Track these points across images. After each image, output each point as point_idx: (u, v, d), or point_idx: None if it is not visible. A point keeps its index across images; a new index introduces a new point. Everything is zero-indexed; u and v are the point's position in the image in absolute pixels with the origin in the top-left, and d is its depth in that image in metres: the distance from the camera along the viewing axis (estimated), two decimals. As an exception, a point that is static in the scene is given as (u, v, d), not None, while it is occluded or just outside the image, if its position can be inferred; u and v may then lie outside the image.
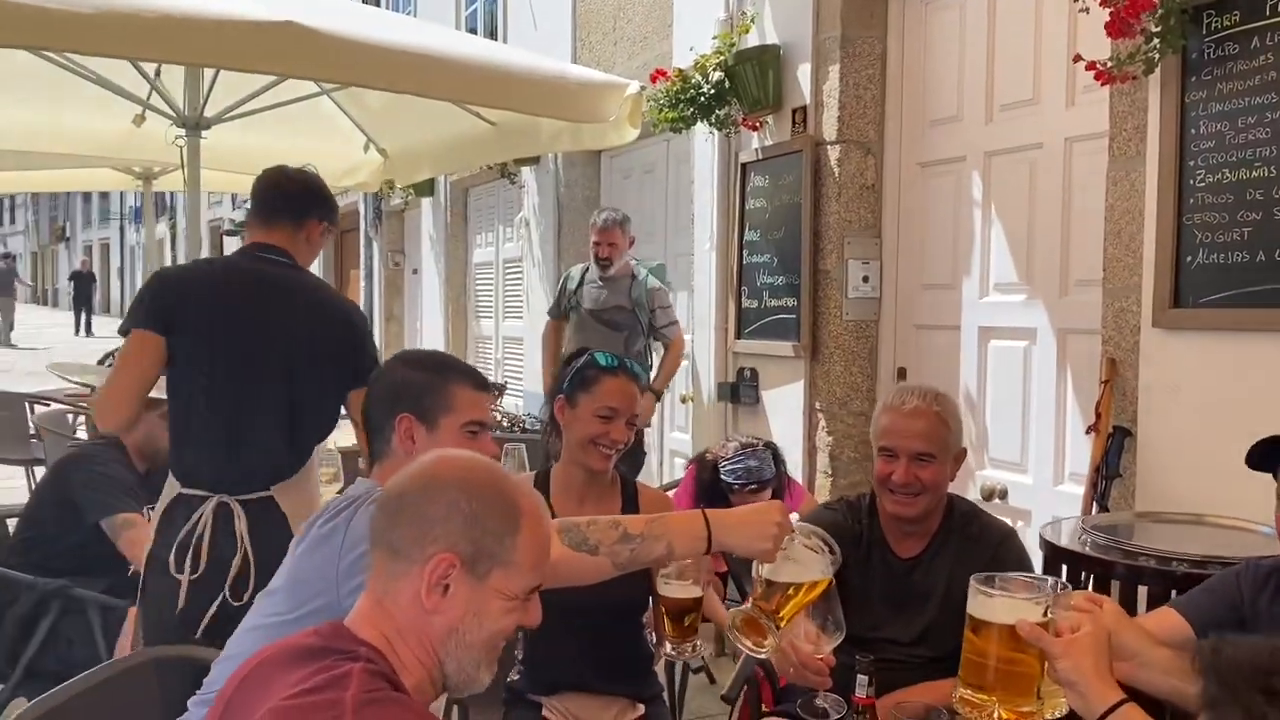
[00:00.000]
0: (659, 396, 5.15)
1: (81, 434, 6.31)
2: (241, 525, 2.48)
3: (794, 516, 1.85)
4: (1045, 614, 1.40)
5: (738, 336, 4.84)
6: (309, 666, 1.16)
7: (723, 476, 3.55)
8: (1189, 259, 2.78)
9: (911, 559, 2.29)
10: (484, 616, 1.28)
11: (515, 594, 1.30)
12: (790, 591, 1.73)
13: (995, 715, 1.39)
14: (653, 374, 4.99)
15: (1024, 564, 2.30)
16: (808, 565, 1.74)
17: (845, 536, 2.18)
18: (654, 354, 5.17)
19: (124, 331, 2.59)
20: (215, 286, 2.63)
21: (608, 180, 6.97)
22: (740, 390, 4.77)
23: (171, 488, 2.60)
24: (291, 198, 2.74)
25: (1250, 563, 1.88)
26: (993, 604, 1.41)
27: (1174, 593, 2.26)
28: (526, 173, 7.40)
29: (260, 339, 2.58)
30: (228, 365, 2.56)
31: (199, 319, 2.56)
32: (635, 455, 4.08)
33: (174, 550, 2.49)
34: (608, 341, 4.71)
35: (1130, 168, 2.98)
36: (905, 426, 2.22)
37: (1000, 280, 3.84)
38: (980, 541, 2.27)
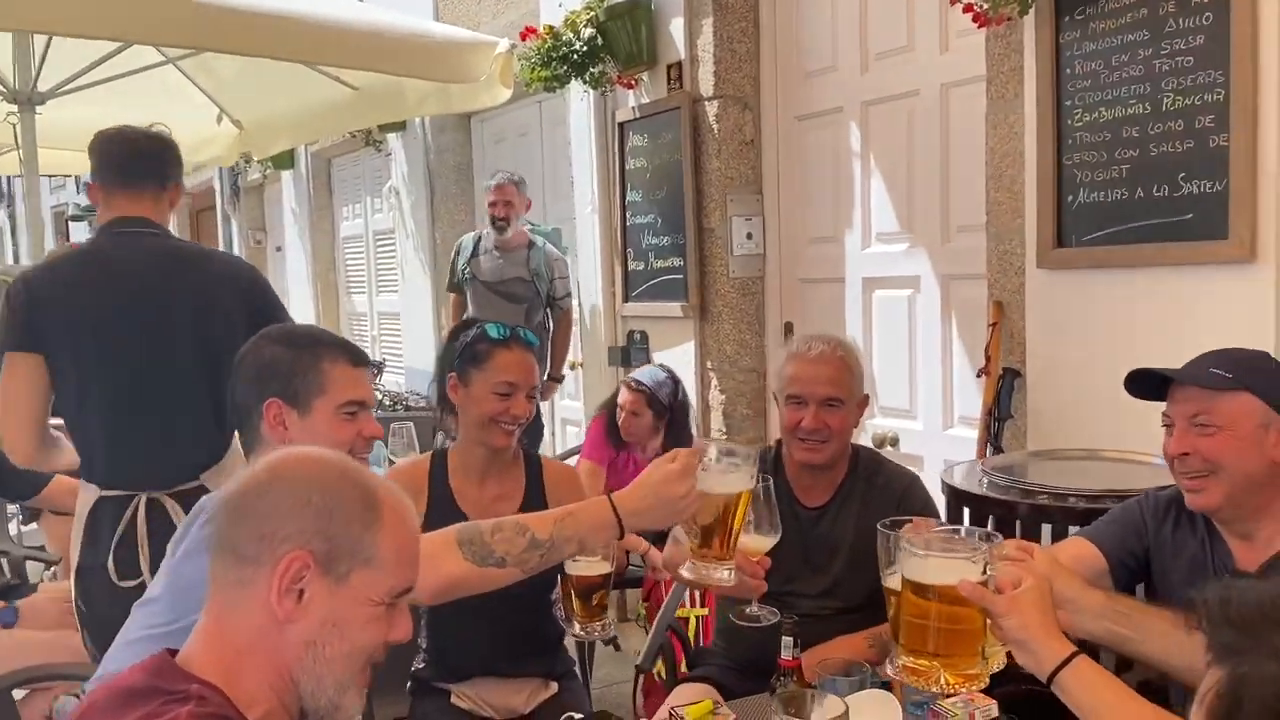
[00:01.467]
0: (560, 382, 5.05)
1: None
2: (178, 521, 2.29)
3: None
4: (984, 571, 1.35)
5: (625, 300, 4.76)
6: (133, 713, 1.01)
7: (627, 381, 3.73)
8: (1070, 199, 2.82)
9: (818, 508, 2.29)
10: (345, 626, 1.12)
11: (380, 598, 1.15)
12: (724, 522, 1.63)
13: (941, 680, 1.34)
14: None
15: (929, 509, 2.31)
16: (729, 484, 1.62)
17: None
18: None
19: None
20: (97, 283, 2.39)
21: (480, 145, 6.77)
22: (631, 353, 4.70)
23: (88, 493, 2.39)
24: (153, 159, 2.52)
25: (1149, 493, 1.92)
26: (928, 565, 1.34)
27: (1073, 528, 2.30)
28: (393, 139, 7.12)
29: (165, 325, 2.38)
30: (134, 362, 2.36)
31: (86, 325, 2.34)
32: (534, 427, 4.00)
33: (112, 557, 2.30)
34: (505, 315, 4.57)
35: (1009, 110, 3.00)
36: (813, 373, 2.22)
37: (882, 230, 3.85)
38: (886, 490, 2.28)
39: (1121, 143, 2.67)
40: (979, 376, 3.12)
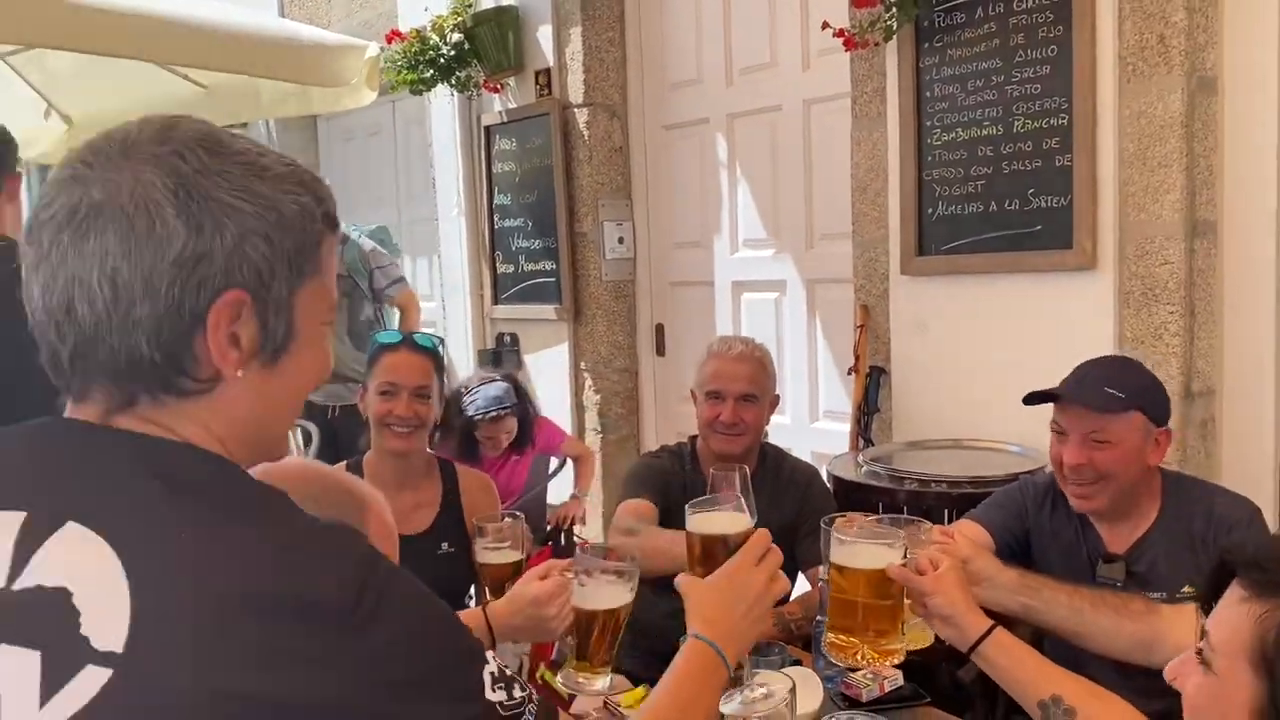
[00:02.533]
0: None
1: None
2: None
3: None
4: (904, 555, 1.50)
5: (495, 302, 4.80)
6: None
7: (465, 409, 3.34)
8: (930, 211, 3.08)
9: None
10: None
11: None
12: (603, 635, 1.52)
13: (862, 655, 1.48)
14: None
15: (828, 499, 2.50)
16: (605, 599, 1.51)
17: (673, 482, 2.37)
18: (390, 324, 4.97)
19: None
20: None
21: (327, 145, 6.62)
22: (502, 355, 4.74)
23: None
24: None
25: (1026, 479, 2.16)
26: (855, 550, 1.48)
27: (951, 512, 2.54)
28: (235, 138, 6.87)
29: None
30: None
31: None
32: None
33: None
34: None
35: (873, 128, 3.24)
36: (732, 370, 2.38)
37: (749, 236, 4.05)
38: (791, 482, 2.45)
39: (977, 160, 2.94)
40: (849, 374, 3.35)
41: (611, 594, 1.50)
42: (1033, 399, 1.95)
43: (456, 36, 4.45)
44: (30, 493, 0.78)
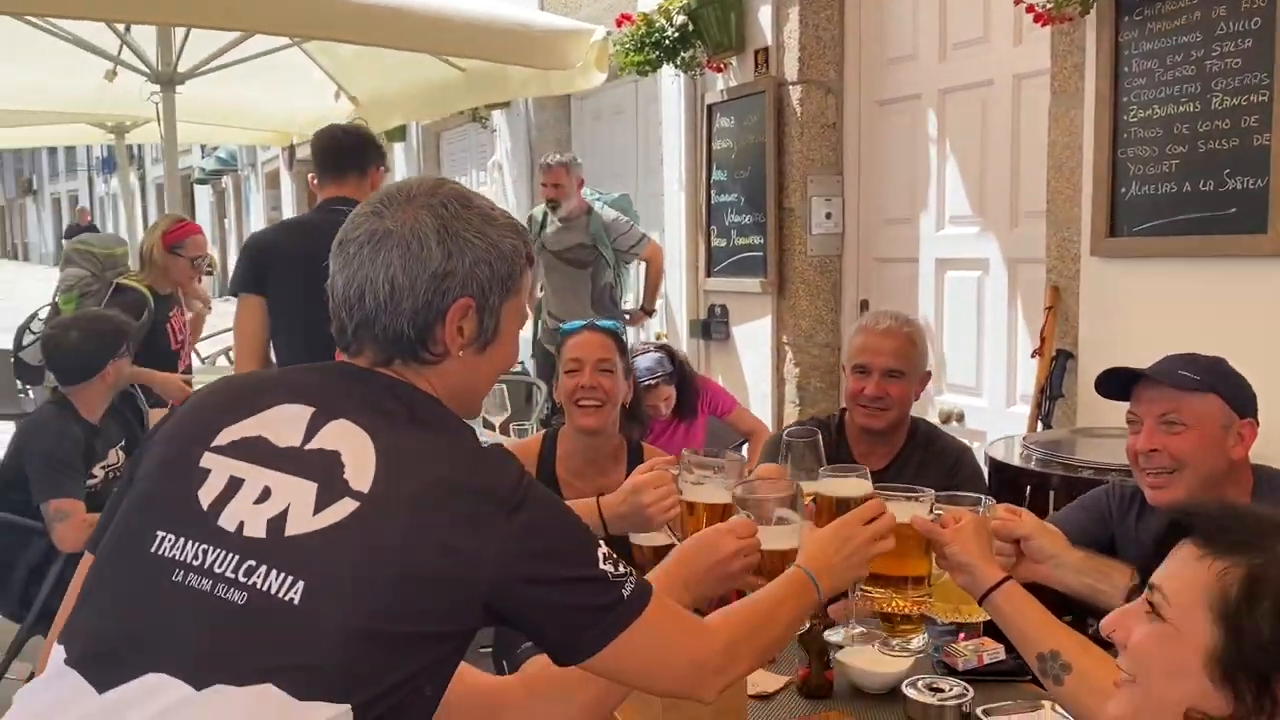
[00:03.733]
0: (651, 314, 5.25)
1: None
2: None
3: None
4: (930, 511, 1.57)
5: (708, 274, 5.00)
6: None
7: None
8: (1123, 190, 2.96)
9: (876, 473, 2.47)
10: None
11: None
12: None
13: (893, 603, 1.58)
14: (638, 297, 5.16)
15: (977, 477, 2.50)
16: (703, 494, 1.70)
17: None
18: (627, 286, 5.25)
19: (233, 293, 3.01)
20: (304, 243, 2.69)
21: (579, 123, 7.05)
22: (711, 326, 4.94)
23: None
24: (353, 151, 3.06)
25: (1115, 483, 2.06)
26: (890, 507, 1.53)
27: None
28: (498, 116, 7.45)
29: None
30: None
31: (295, 274, 2.65)
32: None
33: None
34: (573, 280, 4.83)
35: (1070, 104, 3.14)
36: (878, 345, 2.39)
37: (955, 213, 4.00)
38: (940, 458, 2.44)
39: (1172, 139, 2.80)
40: (1033, 357, 3.28)
41: (713, 491, 1.67)
42: (1107, 379, 1.89)
43: (681, 19, 4.65)
44: (319, 398, 1.17)
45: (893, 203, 4.31)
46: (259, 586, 1.04)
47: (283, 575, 1.04)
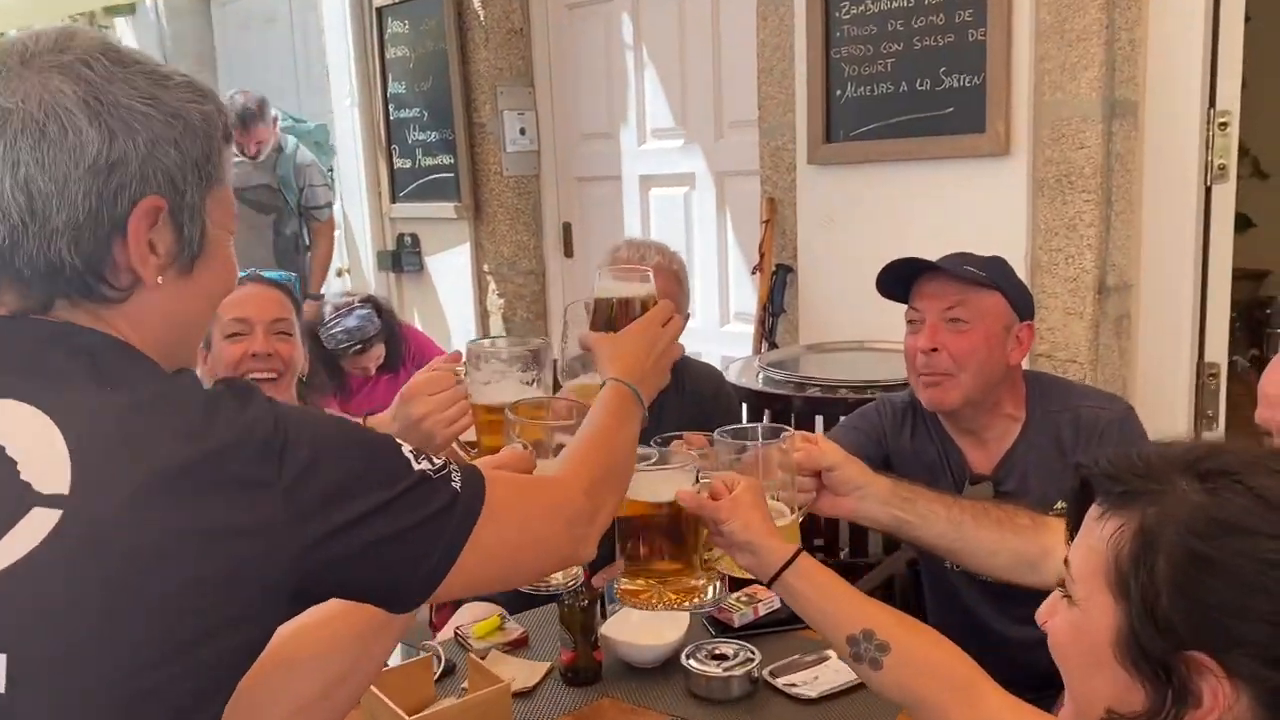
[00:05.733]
0: (319, 300, 4.70)
1: None
2: None
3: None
4: (696, 479, 1.28)
5: (393, 200, 4.51)
6: None
7: (325, 345, 3.11)
8: (838, 93, 2.83)
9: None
10: None
11: None
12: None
13: (659, 598, 1.27)
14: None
15: (735, 409, 2.30)
16: (491, 395, 1.35)
17: None
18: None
19: None
20: None
21: (222, 32, 6.17)
22: (402, 258, 4.48)
23: None
24: None
25: (884, 398, 1.94)
26: (640, 479, 1.24)
27: (843, 418, 2.37)
28: (122, 24, 6.40)
29: None
30: None
31: None
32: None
33: None
34: (254, 226, 4.20)
35: (780, 1, 2.96)
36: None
37: (657, 126, 3.78)
38: (695, 393, 2.19)
39: (886, 36, 2.69)
40: (753, 274, 3.14)
41: (511, 388, 1.33)
42: (887, 275, 1.76)
43: (339, -94, 4.06)
44: None
45: (590, 117, 4.03)
46: None
47: None
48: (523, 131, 4.10)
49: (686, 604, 1.31)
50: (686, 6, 3.57)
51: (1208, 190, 2.48)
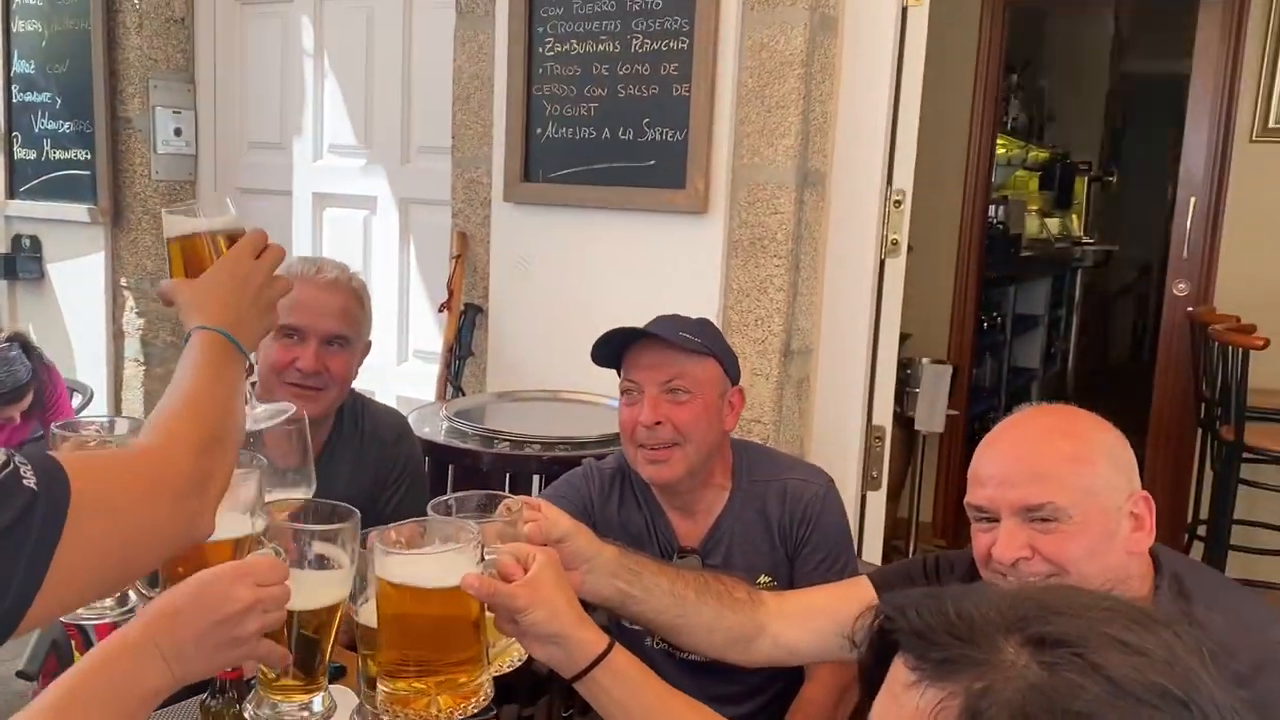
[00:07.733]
0: None
1: None
2: None
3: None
4: (481, 558, 1.07)
5: (10, 195, 3.84)
6: None
7: None
8: (539, 131, 2.71)
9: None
10: None
11: None
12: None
13: (435, 706, 1.04)
14: None
15: (416, 460, 2.06)
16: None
17: None
18: None
19: None
20: None
21: None
22: (18, 264, 3.81)
23: None
24: None
25: (591, 465, 1.82)
26: (410, 563, 1.05)
27: (542, 480, 2.23)
28: None
29: None
30: None
31: None
32: None
33: None
34: None
35: (479, 27, 2.81)
36: (321, 302, 1.78)
37: (336, 142, 3.49)
38: (375, 439, 1.95)
39: (591, 79, 2.61)
40: (440, 311, 2.94)
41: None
42: (601, 346, 1.66)
43: None
44: None
45: (260, 124, 3.64)
46: None
47: None
48: (178, 132, 3.63)
49: (470, 705, 1.07)
50: (376, 18, 3.31)
51: (882, 263, 2.61)
